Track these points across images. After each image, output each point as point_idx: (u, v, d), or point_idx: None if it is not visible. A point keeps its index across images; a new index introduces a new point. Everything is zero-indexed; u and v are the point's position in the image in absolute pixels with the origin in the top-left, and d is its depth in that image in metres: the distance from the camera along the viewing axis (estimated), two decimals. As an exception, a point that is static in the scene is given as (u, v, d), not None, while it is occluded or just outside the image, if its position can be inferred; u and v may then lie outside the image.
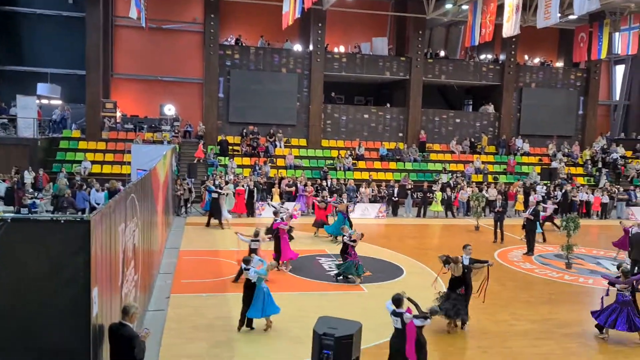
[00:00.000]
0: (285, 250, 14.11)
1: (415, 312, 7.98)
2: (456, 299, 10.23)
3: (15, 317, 5.17)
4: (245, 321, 9.98)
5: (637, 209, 25.56)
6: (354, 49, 29.87)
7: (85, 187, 20.05)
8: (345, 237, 13.68)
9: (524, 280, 14.34)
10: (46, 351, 5.26)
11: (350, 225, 16.80)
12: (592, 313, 10.43)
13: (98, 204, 17.76)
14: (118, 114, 27.84)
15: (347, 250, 13.40)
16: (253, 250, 12.38)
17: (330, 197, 19.98)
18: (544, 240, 19.09)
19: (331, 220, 18.93)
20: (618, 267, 10.63)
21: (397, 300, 7.94)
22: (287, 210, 17.48)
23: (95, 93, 25.92)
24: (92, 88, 25.82)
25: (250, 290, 9.97)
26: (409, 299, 8.14)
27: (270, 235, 14.08)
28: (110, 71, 28.77)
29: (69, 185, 20.30)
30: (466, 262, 10.43)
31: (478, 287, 10.65)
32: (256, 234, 12.84)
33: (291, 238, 15.28)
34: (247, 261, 10.27)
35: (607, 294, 10.27)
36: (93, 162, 24.39)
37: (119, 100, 28.45)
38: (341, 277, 13.46)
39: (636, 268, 13.64)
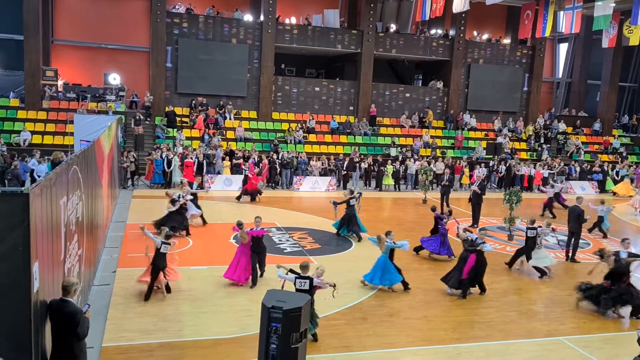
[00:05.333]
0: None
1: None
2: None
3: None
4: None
5: (576, 183, 26.66)
6: (305, 21, 29.55)
7: (25, 158, 19.22)
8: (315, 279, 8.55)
9: (468, 252, 14.77)
10: (-17, 329, 5.06)
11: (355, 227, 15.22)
12: None
13: (39, 176, 17.11)
14: (59, 83, 26.69)
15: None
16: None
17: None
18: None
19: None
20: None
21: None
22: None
23: (34, 60, 24.67)
24: (31, 54, 24.55)
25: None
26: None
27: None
28: (50, 37, 27.41)
29: (10, 156, 19.40)
30: (624, 256, 10.60)
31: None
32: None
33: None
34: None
35: None
36: (33, 133, 23.40)
37: (61, 68, 27.22)
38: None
39: (572, 240, 14.35)
